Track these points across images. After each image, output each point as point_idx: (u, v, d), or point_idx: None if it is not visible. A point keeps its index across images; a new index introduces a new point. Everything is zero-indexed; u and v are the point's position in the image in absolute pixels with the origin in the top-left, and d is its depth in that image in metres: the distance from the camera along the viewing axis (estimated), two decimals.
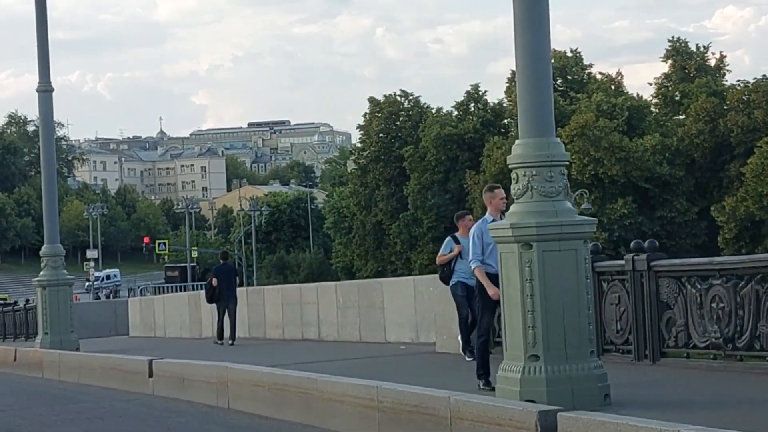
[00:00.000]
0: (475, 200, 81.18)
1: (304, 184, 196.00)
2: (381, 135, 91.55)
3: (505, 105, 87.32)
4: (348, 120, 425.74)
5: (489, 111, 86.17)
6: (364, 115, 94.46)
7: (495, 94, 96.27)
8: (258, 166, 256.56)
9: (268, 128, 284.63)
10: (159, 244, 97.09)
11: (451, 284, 14.81)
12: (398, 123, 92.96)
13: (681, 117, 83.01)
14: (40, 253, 24.33)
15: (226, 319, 25.59)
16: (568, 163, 10.90)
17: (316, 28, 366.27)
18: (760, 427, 8.52)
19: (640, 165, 73.30)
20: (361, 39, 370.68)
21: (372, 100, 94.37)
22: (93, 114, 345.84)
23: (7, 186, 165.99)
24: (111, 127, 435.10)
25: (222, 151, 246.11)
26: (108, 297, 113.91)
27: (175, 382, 15.23)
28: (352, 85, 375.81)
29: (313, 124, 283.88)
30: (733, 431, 7.67)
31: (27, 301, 43.45)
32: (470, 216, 15.49)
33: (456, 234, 15.17)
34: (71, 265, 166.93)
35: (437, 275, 15.38)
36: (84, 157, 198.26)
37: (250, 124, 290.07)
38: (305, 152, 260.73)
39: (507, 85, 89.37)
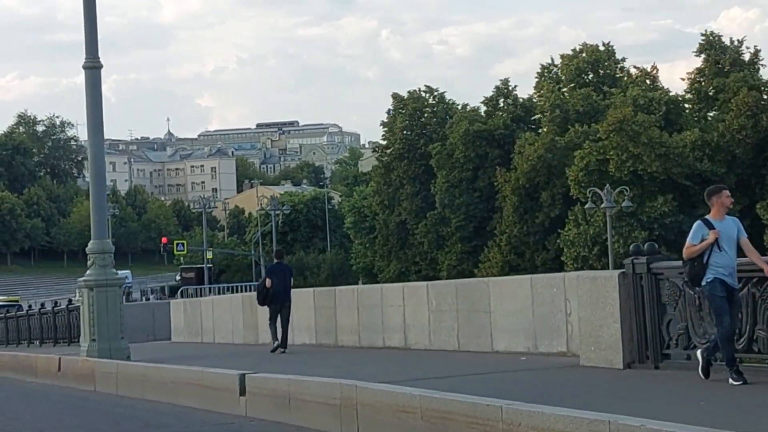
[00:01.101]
0: (505, 198, 78.57)
1: (319, 184, 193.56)
2: (405, 132, 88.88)
3: (535, 100, 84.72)
4: (353, 121, 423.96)
5: (519, 107, 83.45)
6: (388, 112, 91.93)
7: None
8: (267, 167, 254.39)
9: (276, 129, 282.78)
10: (177, 244, 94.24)
11: (704, 283, 11.90)
12: (423, 119, 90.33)
13: (715, 113, 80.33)
14: (87, 249, 21.71)
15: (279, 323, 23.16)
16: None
17: (319, 30, 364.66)
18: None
19: (681, 161, 70.57)
20: (365, 41, 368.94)
21: (396, 96, 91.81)
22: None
23: (16, 187, 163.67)
24: (117, 129, 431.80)
25: (232, 152, 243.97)
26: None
27: (277, 403, 12.57)
28: (357, 86, 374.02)
29: (321, 124, 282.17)
30: None
31: (55, 303, 40.91)
32: (727, 191, 12.36)
33: (708, 217, 12.28)
34: (81, 266, 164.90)
35: (532, 275, 12.59)
36: None
37: (259, 125, 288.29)
38: (314, 153, 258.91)
39: (537, 79, 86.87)
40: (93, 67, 21.35)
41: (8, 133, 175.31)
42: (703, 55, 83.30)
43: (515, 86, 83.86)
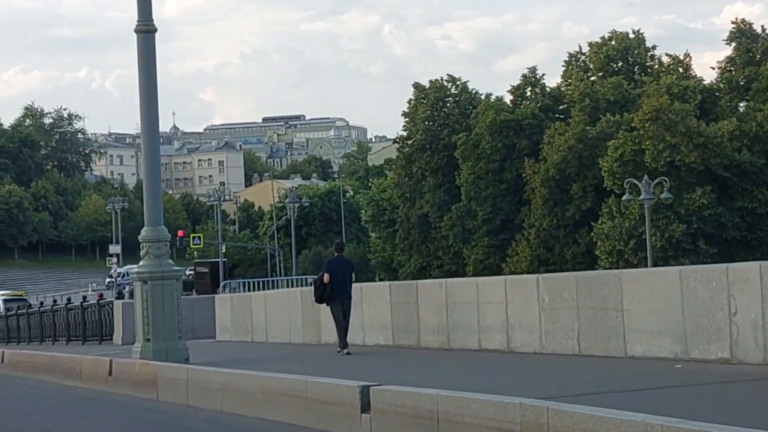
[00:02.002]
0: (534, 190, 76.02)
1: (329, 178, 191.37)
2: (428, 123, 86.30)
3: (563, 89, 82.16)
4: (356, 116, 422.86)
5: (547, 96, 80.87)
6: (409, 102, 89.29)
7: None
8: (273, 161, 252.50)
9: (283, 123, 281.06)
10: (193, 238, 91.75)
11: None
12: (445, 110, 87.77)
13: (748, 102, 77.80)
14: (140, 238, 19.23)
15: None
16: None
17: (322, 25, 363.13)
18: None
19: (719, 152, 68.02)
20: (368, 36, 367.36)
21: (417, 85, 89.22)
22: (102, 110, 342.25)
23: (23, 180, 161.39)
24: (120, 123, 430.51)
25: (240, 146, 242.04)
26: (131, 294, 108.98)
27: (419, 425, 10.08)
28: (360, 82, 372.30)
29: (328, 118, 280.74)
30: None
31: (84, 298, 38.58)
32: None
33: None
34: (89, 260, 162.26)
35: (681, 266, 10.19)
36: (102, 151, 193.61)
37: (265, 119, 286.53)
38: (321, 147, 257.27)
39: (564, 68, 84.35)
40: (146, 31, 18.86)
41: (15, 125, 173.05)
42: (733, 44, 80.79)
43: (543, 74, 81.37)
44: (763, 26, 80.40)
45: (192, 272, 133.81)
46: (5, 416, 15.34)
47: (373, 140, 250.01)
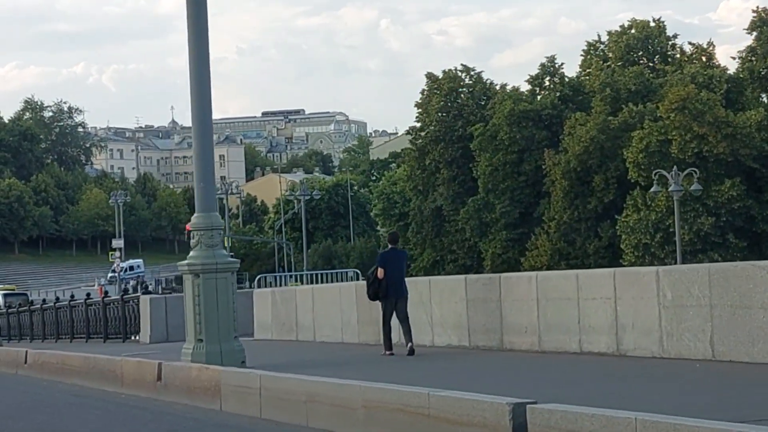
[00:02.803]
0: (554, 182, 73.85)
1: (334, 172, 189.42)
2: (442, 114, 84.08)
3: (582, 78, 80.00)
4: (354, 111, 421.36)
5: (566, 85, 78.65)
6: (422, 92, 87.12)
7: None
8: (273, 155, 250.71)
9: (282, 117, 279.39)
10: None
11: None
12: (459, 100, 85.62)
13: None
14: (190, 225, 17.04)
15: (394, 321, 18.71)
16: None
17: (319, 20, 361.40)
18: None
19: (748, 142, 65.89)
20: (365, 31, 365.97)
21: (430, 75, 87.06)
22: (99, 105, 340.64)
23: (23, 174, 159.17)
24: (117, 118, 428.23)
25: (240, 140, 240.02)
26: (135, 289, 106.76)
27: None
28: (357, 77, 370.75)
29: (328, 113, 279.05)
30: None
31: (88, 295, 36.55)
32: None
33: None
34: (90, 255, 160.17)
35: None
36: (102, 144, 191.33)
37: (264, 113, 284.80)
38: (321, 141, 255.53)
39: (583, 57, 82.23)
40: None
41: (15, 119, 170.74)
42: (755, 33, 78.62)
43: (562, 63, 79.12)
44: None
45: None
46: (52, 430, 13.20)
47: (373, 135, 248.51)
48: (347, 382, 11.58)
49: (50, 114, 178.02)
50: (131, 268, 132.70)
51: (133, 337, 29.52)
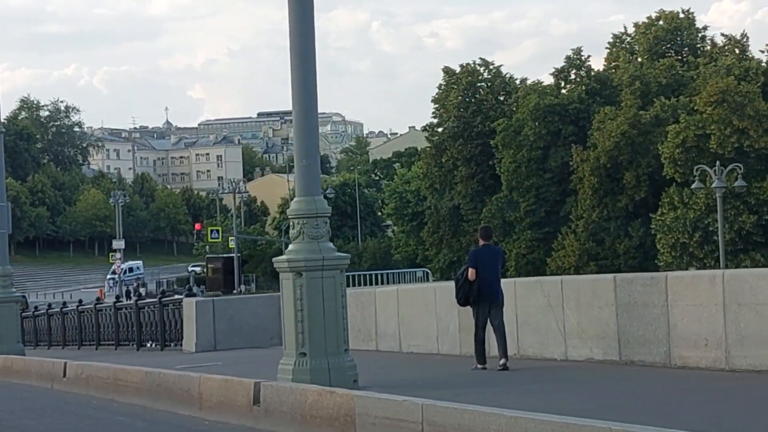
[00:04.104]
0: (581, 180, 70.74)
1: (332, 172, 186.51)
2: (460, 110, 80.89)
3: (607, 71, 76.92)
4: (346, 113, 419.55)
5: (593, 78, 75.52)
6: (439, 87, 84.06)
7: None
8: (270, 156, 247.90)
9: (278, 118, 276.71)
10: (211, 231, 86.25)
11: None
12: (478, 95, 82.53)
13: None
14: (289, 212, 13.82)
15: (489, 330, 16.03)
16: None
17: None
18: None
19: None
20: (356, 33, 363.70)
21: (447, 70, 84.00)
22: (91, 107, 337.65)
23: (19, 174, 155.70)
24: (109, 120, 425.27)
25: (238, 140, 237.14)
26: (136, 291, 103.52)
27: None
28: (348, 79, 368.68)
29: (324, 113, 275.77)
30: None
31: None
32: None
33: None
34: (87, 256, 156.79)
35: None
36: (99, 144, 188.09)
37: (260, 114, 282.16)
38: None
39: (608, 50, 79.18)
40: None
41: (11, 118, 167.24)
42: None
43: (589, 56, 75.99)
44: None
45: (194, 268, 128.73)
46: None
47: (369, 136, 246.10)
48: (564, 420, 8.35)
49: (47, 113, 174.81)
50: (131, 269, 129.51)
51: (172, 345, 26.30)
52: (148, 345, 27.50)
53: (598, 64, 78.17)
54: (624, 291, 14.81)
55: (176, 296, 28.05)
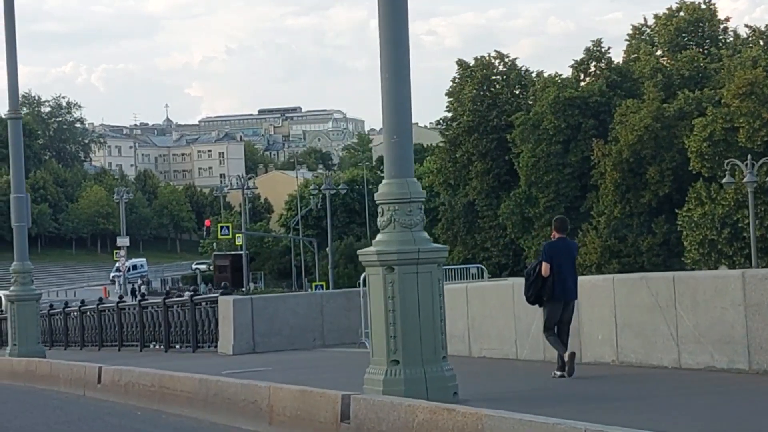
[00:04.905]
0: (602, 175, 68.91)
1: (334, 169, 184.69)
2: (476, 104, 78.99)
3: (627, 63, 75.10)
4: (343, 111, 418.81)
5: (613, 71, 73.62)
6: (453, 80, 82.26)
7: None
8: (271, 153, 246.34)
9: (279, 115, 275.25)
10: (221, 227, 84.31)
11: None
12: (493, 89, 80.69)
13: None
14: (377, 197, 11.88)
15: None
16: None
17: (308, 20, 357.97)
18: None
19: None
20: (354, 31, 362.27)
21: (461, 63, 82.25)
22: (88, 105, 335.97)
23: None
24: (107, 118, 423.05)
25: (240, 137, 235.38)
26: (140, 289, 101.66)
27: None
28: (346, 77, 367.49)
29: (325, 110, 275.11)
30: None
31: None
32: None
33: None
34: (90, 254, 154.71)
35: None
36: (102, 140, 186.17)
37: (261, 111, 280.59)
38: (319, 139, 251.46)
39: (628, 42, 77.33)
40: None
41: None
42: None
43: (608, 48, 74.10)
44: None
45: (198, 266, 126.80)
46: None
47: (370, 133, 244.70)
48: None
49: (48, 109, 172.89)
50: (134, 267, 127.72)
51: (205, 347, 24.41)
52: (177, 347, 25.60)
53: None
54: (756, 289, 12.92)
55: (210, 294, 26.13)
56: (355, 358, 19.74)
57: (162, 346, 26.38)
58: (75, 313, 32.69)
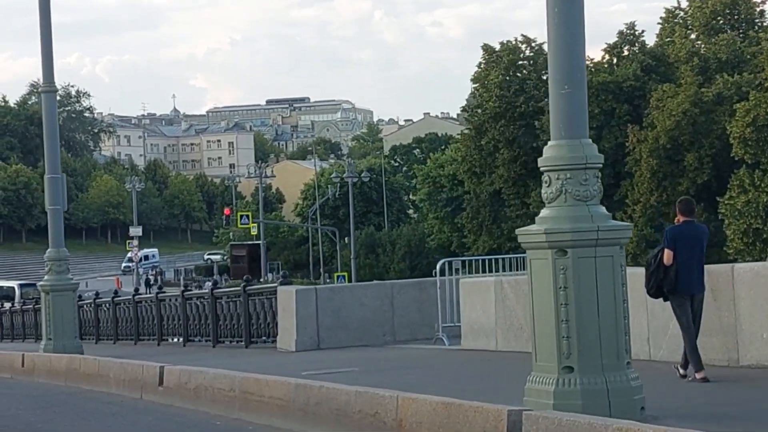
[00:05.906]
0: (638, 162, 66.52)
1: (343, 160, 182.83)
2: (502, 91, 76.54)
3: (661, 47, 72.68)
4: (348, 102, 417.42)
5: (647, 54, 71.18)
6: (479, 65, 79.87)
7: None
8: (279, 143, 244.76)
9: (287, 105, 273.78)
10: (241, 216, 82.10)
11: None
12: (520, 74, 78.31)
13: None
14: (541, 162, 9.69)
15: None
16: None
17: (312, 12, 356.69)
18: None
19: None
20: (358, 23, 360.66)
21: (486, 47, 79.87)
22: (94, 96, 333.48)
23: (30, 160, 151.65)
24: (113, 108, 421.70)
25: (250, 126, 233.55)
26: (155, 280, 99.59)
27: None
28: (350, 68, 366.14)
29: (333, 101, 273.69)
30: None
31: (186, 287, 29.27)
32: None
33: None
34: (100, 244, 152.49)
35: None
36: (111, 130, 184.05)
37: (269, 101, 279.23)
38: (328, 129, 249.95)
39: (661, 25, 74.88)
40: None
41: (21, 102, 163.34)
42: None
43: (643, 31, 71.63)
44: None
45: (211, 256, 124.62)
46: None
47: (379, 123, 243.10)
48: None
49: (57, 98, 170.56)
50: (146, 257, 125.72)
51: (259, 342, 22.13)
52: (227, 342, 23.33)
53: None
54: None
55: (267, 285, 23.84)
56: (450, 357, 17.49)
57: (207, 341, 24.12)
58: (107, 305, 30.42)
